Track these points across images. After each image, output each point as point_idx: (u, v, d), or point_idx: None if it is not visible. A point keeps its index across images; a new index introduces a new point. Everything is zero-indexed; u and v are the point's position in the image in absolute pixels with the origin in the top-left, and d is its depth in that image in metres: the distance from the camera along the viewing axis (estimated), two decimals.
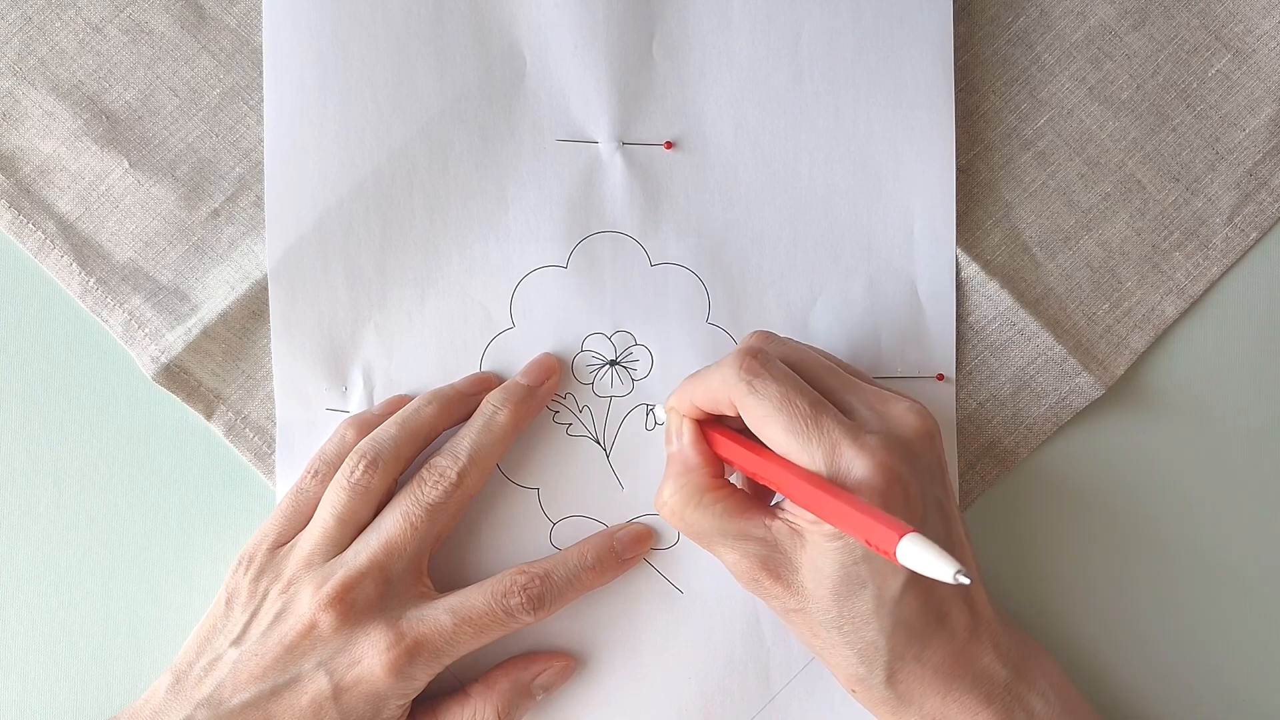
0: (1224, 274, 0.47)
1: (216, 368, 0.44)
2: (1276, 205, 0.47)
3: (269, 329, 0.44)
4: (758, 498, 0.40)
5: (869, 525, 0.33)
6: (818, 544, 0.37)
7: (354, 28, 0.44)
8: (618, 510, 0.45)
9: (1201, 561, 0.47)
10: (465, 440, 0.42)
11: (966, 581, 0.30)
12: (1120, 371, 0.46)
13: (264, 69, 0.44)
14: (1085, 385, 0.46)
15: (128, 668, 0.45)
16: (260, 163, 0.44)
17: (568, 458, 0.45)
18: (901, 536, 0.32)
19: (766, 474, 0.38)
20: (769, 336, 0.41)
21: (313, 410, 0.44)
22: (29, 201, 0.44)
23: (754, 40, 0.45)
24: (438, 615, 0.40)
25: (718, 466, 0.40)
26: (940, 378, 0.45)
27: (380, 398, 0.44)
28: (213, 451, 0.45)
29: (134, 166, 0.44)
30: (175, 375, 0.44)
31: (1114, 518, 0.46)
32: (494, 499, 0.44)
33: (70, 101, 0.44)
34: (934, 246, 0.45)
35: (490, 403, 0.43)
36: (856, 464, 0.36)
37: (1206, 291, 0.47)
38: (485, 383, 0.44)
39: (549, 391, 0.44)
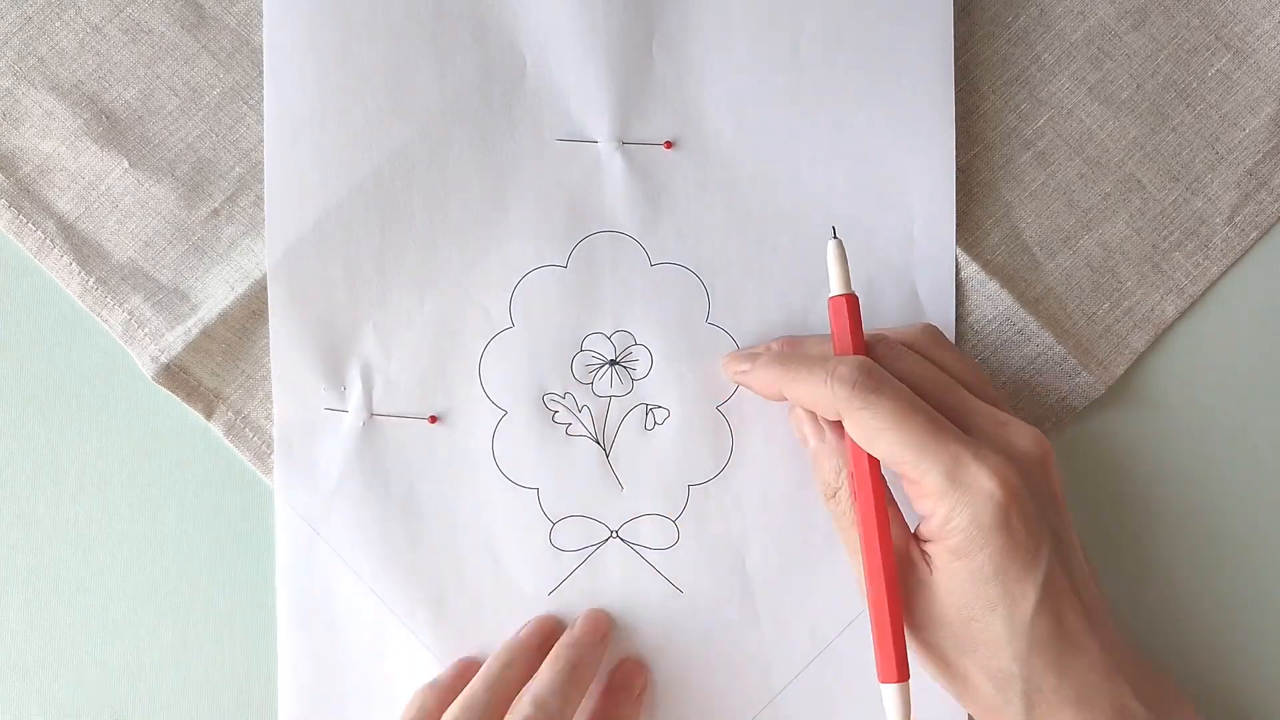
0: (1224, 274, 0.47)
1: (216, 367, 0.44)
2: (1276, 205, 0.47)
3: (269, 329, 0.44)
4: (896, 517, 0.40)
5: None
6: (944, 566, 0.37)
7: (354, 28, 0.44)
8: (617, 510, 0.45)
9: (1201, 561, 0.47)
10: (550, 687, 0.40)
11: None
12: (1120, 371, 0.46)
13: (264, 69, 0.44)
14: (1085, 385, 0.46)
15: (128, 668, 0.45)
16: (260, 163, 0.44)
17: (567, 458, 0.45)
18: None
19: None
20: (885, 341, 0.40)
21: (312, 410, 0.44)
22: (29, 201, 0.44)
23: (754, 40, 0.45)
24: None
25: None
26: None
27: (379, 398, 0.44)
28: (213, 451, 0.45)
29: (134, 166, 0.44)
30: (175, 375, 0.44)
31: (1113, 517, 0.46)
32: (494, 499, 0.44)
33: (70, 101, 0.44)
34: (934, 246, 0.45)
35: (565, 646, 0.42)
36: (979, 476, 0.36)
37: (1206, 291, 0.47)
38: (547, 626, 0.43)
39: (608, 642, 0.44)
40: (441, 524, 0.44)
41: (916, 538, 0.39)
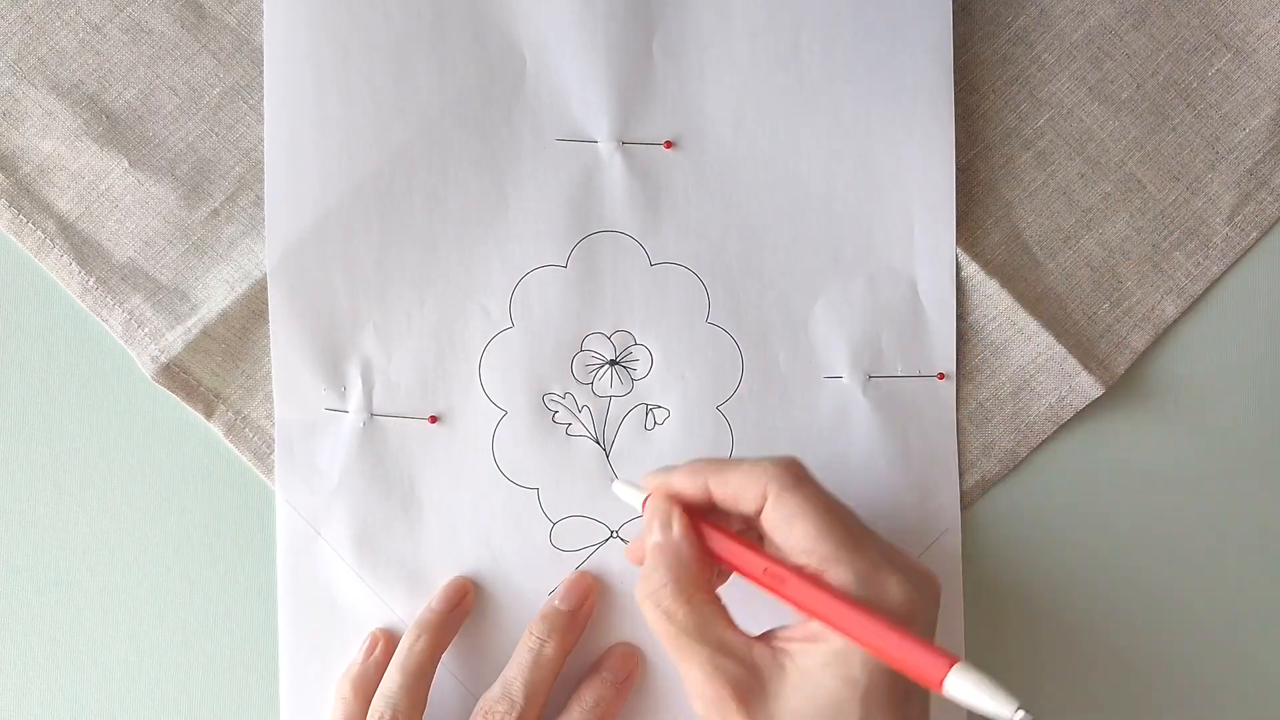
0: (1224, 274, 0.47)
1: (216, 367, 0.44)
2: (1276, 205, 0.47)
3: (269, 329, 0.44)
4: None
5: (912, 650, 0.32)
6: (809, 674, 0.35)
7: (354, 28, 0.44)
8: (617, 510, 0.45)
9: (1201, 561, 0.47)
10: (518, 680, 0.41)
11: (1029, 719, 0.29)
12: (1120, 371, 0.46)
13: (264, 69, 0.44)
14: (1085, 385, 0.46)
15: (128, 668, 0.45)
16: (260, 162, 0.44)
17: (567, 458, 0.45)
18: (951, 665, 0.31)
19: (783, 585, 0.35)
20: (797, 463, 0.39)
21: (312, 410, 0.44)
22: (29, 201, 0.44)
23: (754, 40, 0.45)
24: None
25: (711, 568, 0.38)
26: (941, 377, 0.45)
27: (380, 398, 0.44)
28: (213, 451, 0.45)
29: (134, 166, 0.45)
30: (175, 375, 0.44)
31: (1114, 517, 0.46)
32: (494, 499, 0.44)
33: (70, 101, 0.44)
34: (934, 246, 0.45)
35: (535, 635, 0.42)
36: (895, 589, 0.35)
37: (1206, 291, 0.47)
38: (461, 590, 0.44)
39: (589, 612, 0.44)
40: (441, 524, 0.44)
41: (779, 639, 0.37)
